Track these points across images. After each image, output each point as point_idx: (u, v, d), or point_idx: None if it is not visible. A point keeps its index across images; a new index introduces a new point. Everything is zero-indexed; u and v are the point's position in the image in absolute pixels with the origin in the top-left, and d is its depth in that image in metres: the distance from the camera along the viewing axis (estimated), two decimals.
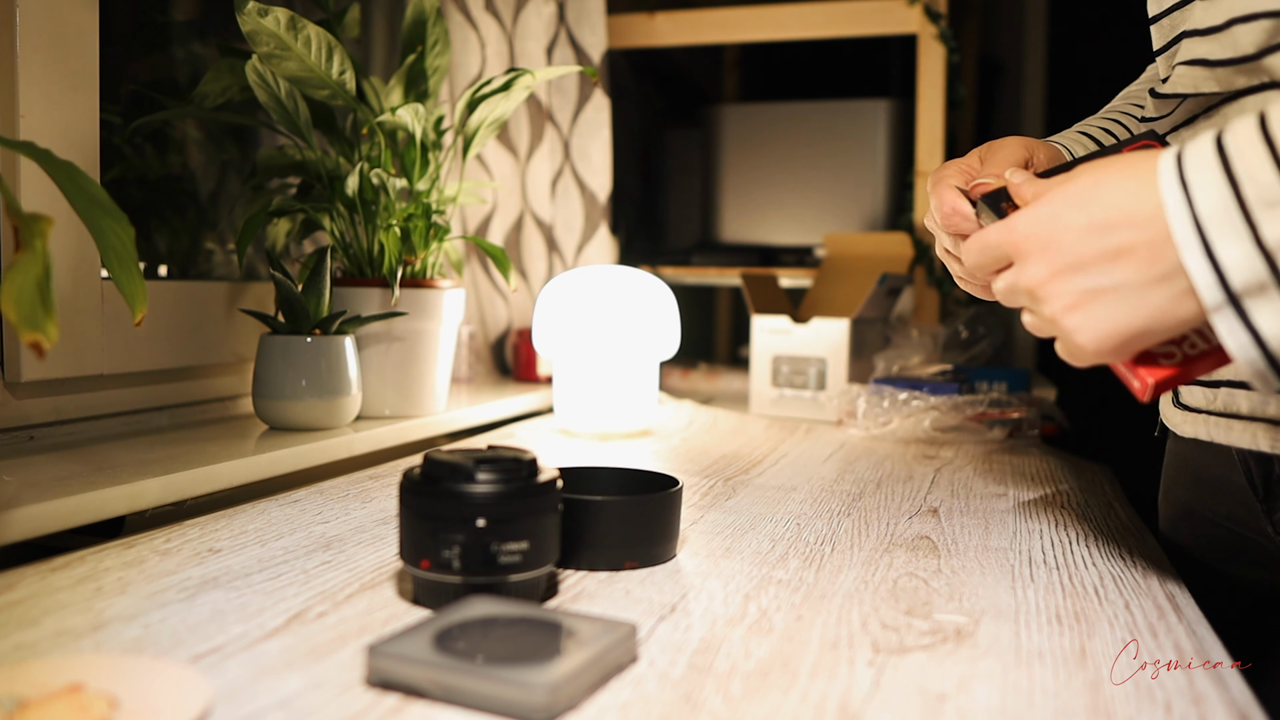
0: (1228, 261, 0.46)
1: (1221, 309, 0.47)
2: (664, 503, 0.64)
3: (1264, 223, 0.46)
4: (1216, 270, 0.47)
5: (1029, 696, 0.45)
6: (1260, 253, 0.46)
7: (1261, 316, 0.46)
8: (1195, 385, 0.72)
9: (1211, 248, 0.47)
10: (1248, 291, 0.46)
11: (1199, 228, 0.47)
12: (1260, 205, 0.46)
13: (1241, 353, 0.48)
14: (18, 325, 0.44)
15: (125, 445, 0.86)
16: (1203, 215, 0.47)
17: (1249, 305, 0.46)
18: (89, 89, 0.87)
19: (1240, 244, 0.46)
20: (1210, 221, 0.47)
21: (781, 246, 1.76)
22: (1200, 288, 0.47)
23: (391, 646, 0.44)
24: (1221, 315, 0.47)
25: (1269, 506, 0.68)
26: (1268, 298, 0.46)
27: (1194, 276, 0.47)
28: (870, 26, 1.50)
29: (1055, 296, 0.52)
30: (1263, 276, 0.46)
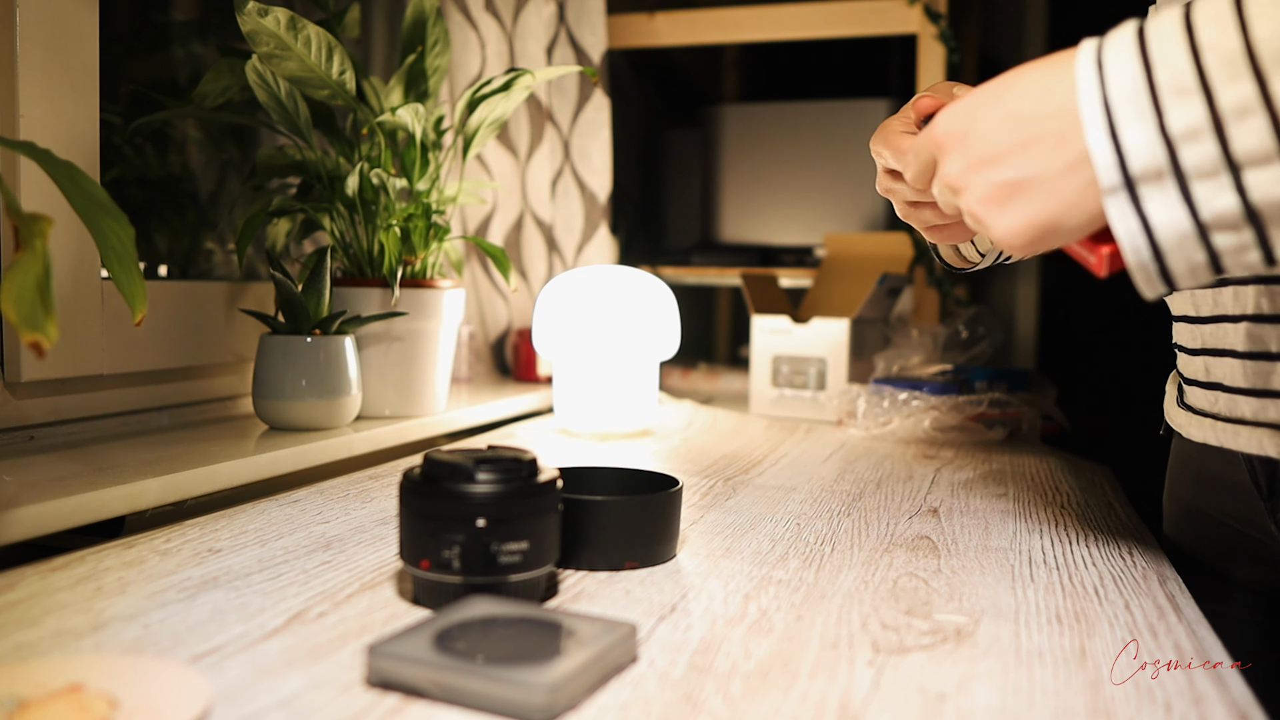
0: (1129, 144, 0.45)
1: (1116, 192, 0.46)
2: (664, 503, 0.64)
3: (1171, 109, 0.45)
4: (1118, 152, 0.46)
5: (1029, 696, 0.45)
6: (1163, 139, 0.45)
7: (1154, 204, 0.45)
8: (1194, 386, 0.72)
9: (1116, 129, 0.46)
10: (1144, 177, 0.45)
11: (1107, 109, 0.46)
12: (1170, 91, 0.45)
13: (1129, 239, 0.47)
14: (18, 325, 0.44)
15: (125, 445, 0.86)
16: (1112, 96, 0.46)
17: (1143, 191, 0.46)
18: (89, 89, 0.87)
19: (1145, 128, 0.45)
20: (1119, 103, 0.46)
21: (781, 246, 1.76)
22: (1099, 168, 0.46)
23: (391, 646, 0.44)
24: (1115, 199, 0.46)
25: (1273, 506, 0.68)
26: (1163, 187, 0.45)
27: (1094, 156, 0.46)
28: (870, 26, 1.50)
29: (971, 189, 0.52)
30: (1161, 164, 0.45)
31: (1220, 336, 0.68)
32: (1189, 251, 0.46)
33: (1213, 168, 0.44)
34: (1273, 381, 0.64)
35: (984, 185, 0.51)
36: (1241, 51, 0.44)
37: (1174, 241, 0.46)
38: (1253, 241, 0.45)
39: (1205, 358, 0.70)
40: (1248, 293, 0.65)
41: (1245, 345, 0.65)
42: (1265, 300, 0.64)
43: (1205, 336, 0.70)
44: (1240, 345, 0.66)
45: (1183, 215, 0.45)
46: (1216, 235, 0.45)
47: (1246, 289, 0.65)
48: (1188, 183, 0.45)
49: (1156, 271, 0.47)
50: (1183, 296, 0.72)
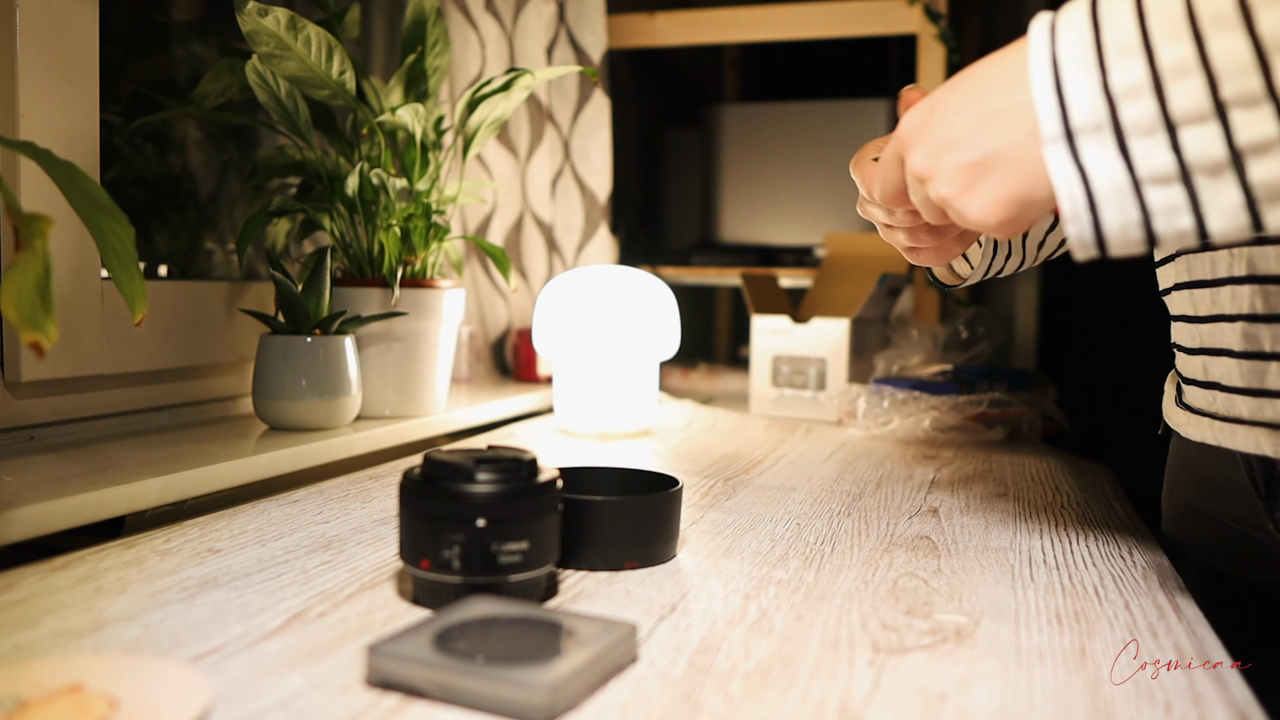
0: (1072, 98, 0.47)
1: (1056, 141, 0.47)
2: (664, 503, 0.64)
3: (1114, 67, 0.46)
4: (1061, 105, 0.47)
5: (1029, 696, 0.45)
6: (1105, 95, 0.46)
7: (1091, 156, 0.46)
8: (1192, 385, 0.72)
9: (1061, 84, 0.47)
10: (1084, 130, 0.46)
11: (1055, 66, 0.47)
12: (1115, 50, 0.46)
13: (1066, 188, 0.47)
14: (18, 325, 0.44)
15: (125, 445, 0.86)
16: (1060, 55, 0.47)
17: (1082, 143, 0.47)
18: (89, 89, 0.87)
19: (1088, 84, 0.46)
20: (1065, 61, 0.47)
21: (781, 246, 1.76)
22: (1041, 119, 0.47)
23: (391, 646, 0.44)
24: (1054, 148, 0.47)
25: (1270, 505, 0.68)
26: (1101, 140, 0.46)
27: (1038, 108, 0.48)
28: (870, 26, 1.50)
29: (938, 176, 0.52)
30: (1101, 118, 0.46)
31: (1217, 336, 0.68)
32: (1124, 206, 0.46)
33: (1150, 125, 0.45)
34: (1268, 381, 0.64)
35: (949, 169, 0.51)
36: (1183, 13, 0.45)
37: (1109, 193, 0.47)
38: (1184, 202, 0.46)
39: (1203, 357, 0.70)
40: (1244, 292, 0.65)
41: (1241, 345, 0.65)
42: (1260, 300, 0.64)
43: (1203, 336, 0.70)
44: (1237, 345, 0.66)
45: (1119, 169, 0.46)
46: (1150, 191, 0.46)
47: (1243, 288, 0.65)
48: (1126, 138, 0.46)
49: (1090, 224, 0.47)
50: (1182, 296, 0.72)
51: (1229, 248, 0.66)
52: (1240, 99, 0.43)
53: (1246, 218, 0.45)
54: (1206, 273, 0.68)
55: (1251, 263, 0.64)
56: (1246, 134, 0.44)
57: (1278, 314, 0.63)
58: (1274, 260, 0.63)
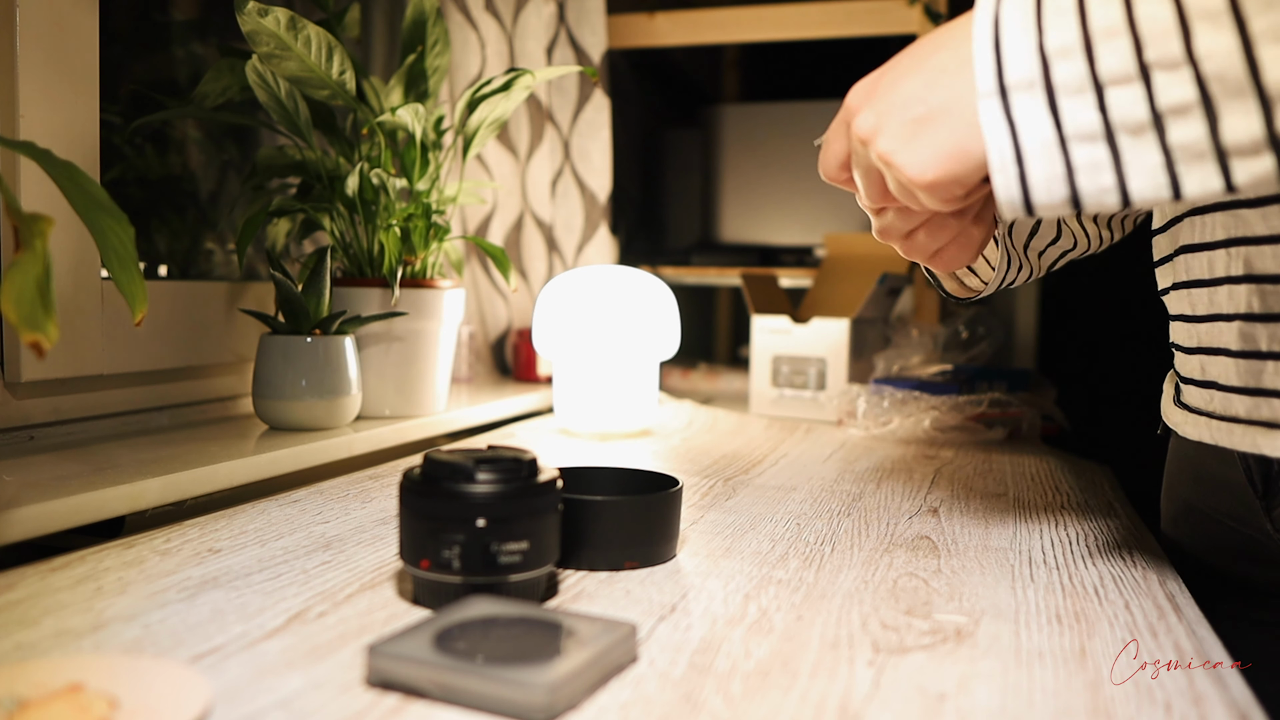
0: (1008, 55, 0.48)
1: (989, 96, 0.49)
2: (664, 503, 0.64)
3: (1050, 29, 0.47)
4: (998, 62, 0.48)
5: (1029, 696, 0.45)
6: (1039, 55, 0.48)
7: (1022, 111, 0.48)
8: (1190, 385, 0.72)
9: (1000, 42, 0.49)
10: (1017, 86, 0.48)
11: (996, 26, 0.49)
12: (1053, 12, 0.47)
13: (995, 140, 0.49)
14: (18, 325, 0.44)
15: (125, 445, 0.86)
16: (1003, 16, 0.49)
17: (1014, 99, 0.48)
18: (89, 89, 0.87)
19: (1025, 43, 0.48)
20: (1006, 21, 0.49)
21: (781, 246, 1.76)
22: (978, 75, 0.49)
23: (391, 646, 0.44)
24: (987, 103, 0.49)
25: (1268, 504, 0.68)
26: (1033, 96, 0.48)
27: (976, 66, 0.49)
28: (870, 26, 1.50)
29: (881, 133, 0.53)
30: (1034, 76, 0.48)
31: (1215, 335, 0.68)
32: (1049, 160, 0.48)
33: (1079, 84, 0.47)
34: (1264, 380, 0.64)
35: (893, 126, 0.52)
36: None
37: (1037, 148, 0.48)
38: (1108, 160, 0.47)
39: (1200, 356, 0.70)
40: (1240, 292, 0.65)
41: (1238, 344, 0.66)
42: (1256, 299, 0.64)
43: (1201, 335, 0.70)
44: (1234, 344, 0.66)
45: (1047, 125, 0.48)
46: (1076, 147, 0.47)
47: (1239, 288, 0.65)
48: (1056, 96, 0.47)
49: (1016, 176, 0.49)
50: (1180, 296, 0.72)
51: (1226, 248, 0.66)
52: (1162, 62, 0.45)
53: (1165, 178, 0.46)
54: (1204, 272, 0.68)
55: (1249, 262, 0.64)
56: (1167, 96, 0.45)
57: (1274, 313, 0.63)
58: (1271, 260, 0.63)
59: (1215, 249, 0.67)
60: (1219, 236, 0.66)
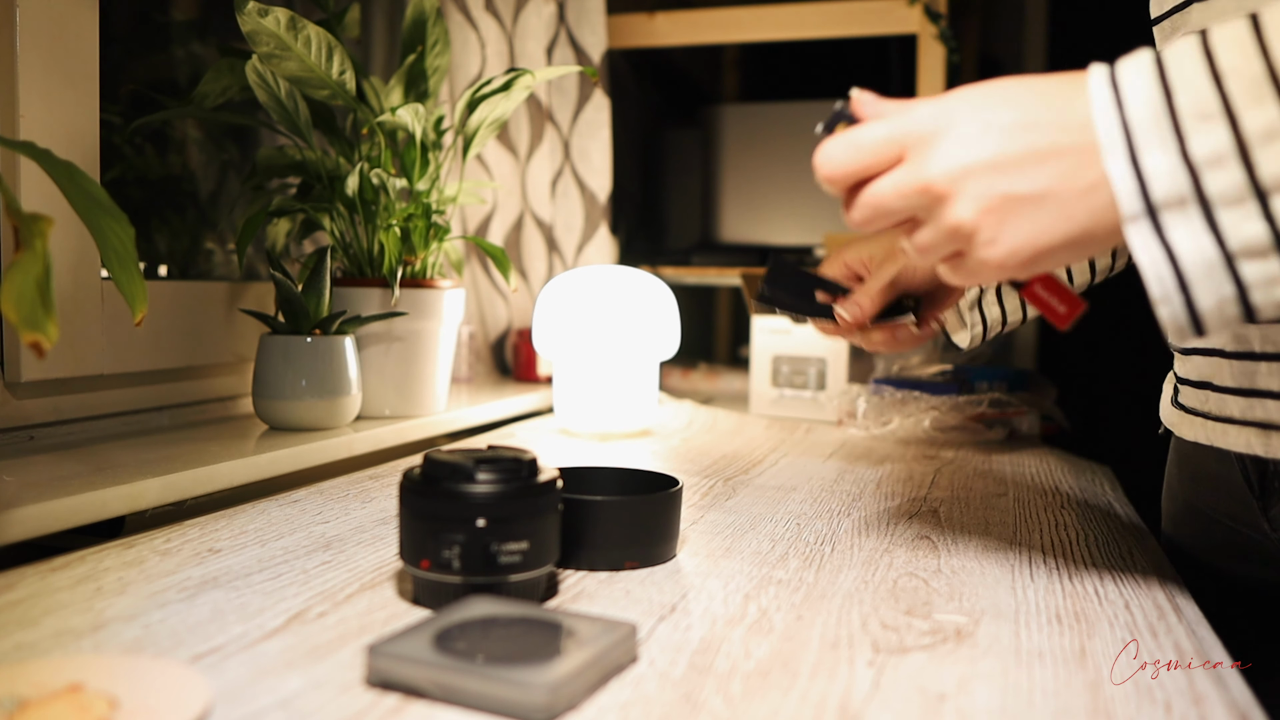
0: (1151, 171, 0.44)
1: (1138, 220, 0.44)
2: (664, 503, 0.64)
3: (1193, 135, 0.43)
4: (1139, 178, 0.44)
5: (1029, 696, 0.45)
6: (1185, 166, 0.43)
7: (1178, 233, 0.44)
8: (1187, 385, 0.72)
9: (1137, 155, 0.44)
10: (1167, 204, 0.44)
11: (1127, 133, 0.44)
12: (1192, 116, 0.43)
13: (1153, 269, 0.45)
14: (18, 325, 0.44)
15: (125, 445, 0.86)
16: (1131, 120, 0.44)
17: (1166, 219, 0.44)
18: (89, 89, 0.87)
19: (1166, 154, 0.44)
20: (1139, 128, 0.44)
21: (781, 246, 1.76)
22: (1120, 194, 0.44)
23: (391, 646, 0.44)
24: (1137, 227, 0.44)
25: (1265, 504, 0.68)
26: (1186, 214, 0.44)
27: (1115, 182, 0.44)
28: (870, 26, 1.50)
29: (969, 196, 0.46)
30: (1184, 190, 0.43)
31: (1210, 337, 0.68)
32: (1216, 282, 0.44)
33: (1238, 194, 0.43)
34: (1258, 381, 0.64)
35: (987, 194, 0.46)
36: (1265, 75, 0.42)
37: (1200, 271, 0.44)
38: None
39: (1196, 357, 0.70)
40: None
41: (1232, 345, 0.66)
42: None
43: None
44: (1228, 345, 0.66)
45: (1208, 243, 0.43)
46: (1244, 264, 0.43)
47: None
48: (1213, 210, 0.43)
49: (1183, 305, 0.45)
50: None
51: None
52: None
53: None
54: None
55: None
56: None
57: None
58: None
59: None
60: None
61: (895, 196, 0.49)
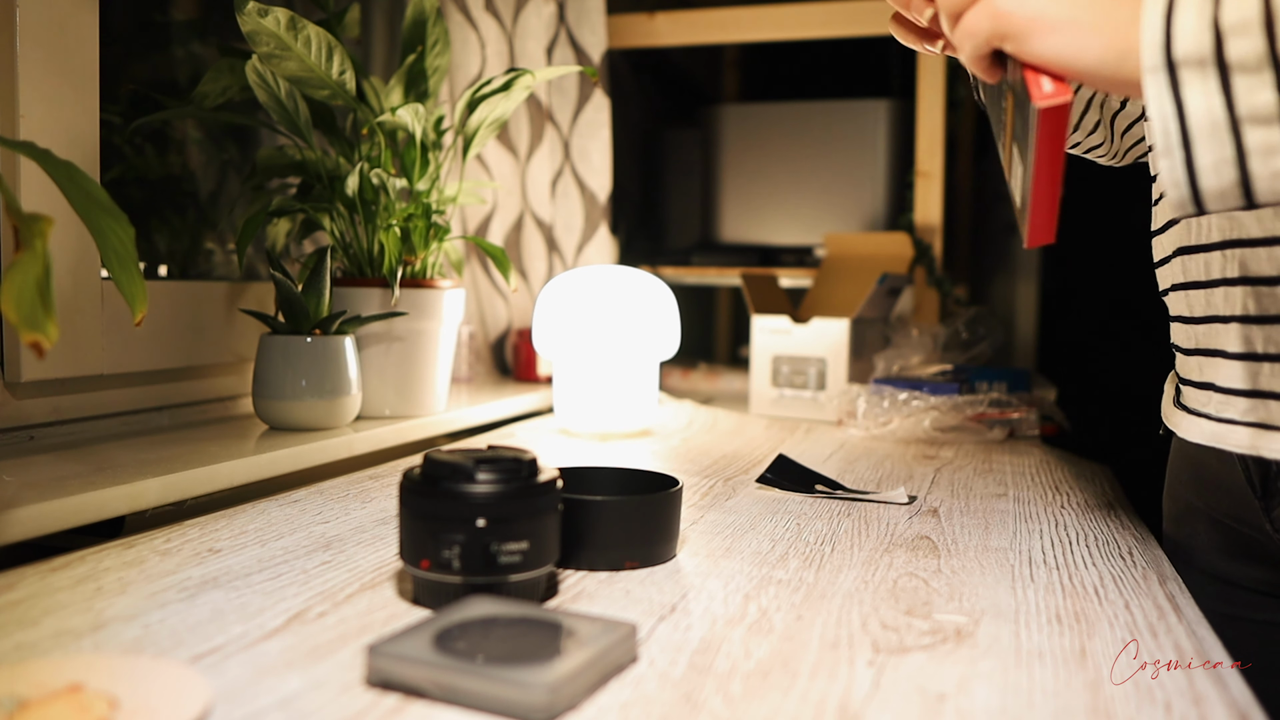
0: (1180, 28, 0.45)
1: (1157, 72, 0.46)
2: (664, 503, 0.64)
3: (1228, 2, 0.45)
4: (1167, 32, 0.46)
5: (1029, 696, 0.45)
6: (1213, 28, 0.45)
7: (1191, 90, 0.45)
8: (1189, 386, 0.72)
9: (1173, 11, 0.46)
10: (1187, 62, 0.45)
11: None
12: None
13: (1160, 121, 0.46)
14: (18, 325, 0.44)
15: (125, 445, 0.86)
16: None
17: (1184, 75, 0.46)
18: (89, 89, 0.87)
19: (1198, 15, 0.45)
20: None
21: (781, 246, 1.76)
22: (1145, 45, 0.46)
23: (391, 646, 0.44)
24: (1154, 78, 0.46)
25: (1267, 504, 0.68)
26: (1203, 73, 0.45)
27: (1145, 31, 0.46)
28: (870, 26, 1.50)
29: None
30: (1206, 51, 0.45)
31: (1213, 337, 0.68)
32: (1220, 142, 0.45)
33: (1256, 63, 0.44)
34: (1260, 382, 0.64)
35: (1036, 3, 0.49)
36: None
37: (1206, 130, 0.45)
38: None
39: (1199, 358, 0.70)
40: (1236, 294, 0.65)
41: (1236, 346, 0.66)
42: (1251, 301, 0.64)
43: (1199, 337, 0.70)
44: (1231, 346, 0.66)
45: (1218, 104, 0.45)
46: (1249, 130, 0.45)
47: (1235, 290, 0.65)
48: (1229, 74, 0.45)
49: (1182, 160, 0.46)
50: (1178, 297, 0.73)
51: (1222, 249, 0.66)
52: None
53: None
54: (1201, 274, 0.68)
55: (1244, 264, 0.64)
56: None
57: (1269, 315, 0.63)
58: (1266, 262, 0.63)
59: (1211, 251, 0.67)
60: (1215, 239, 0.66)
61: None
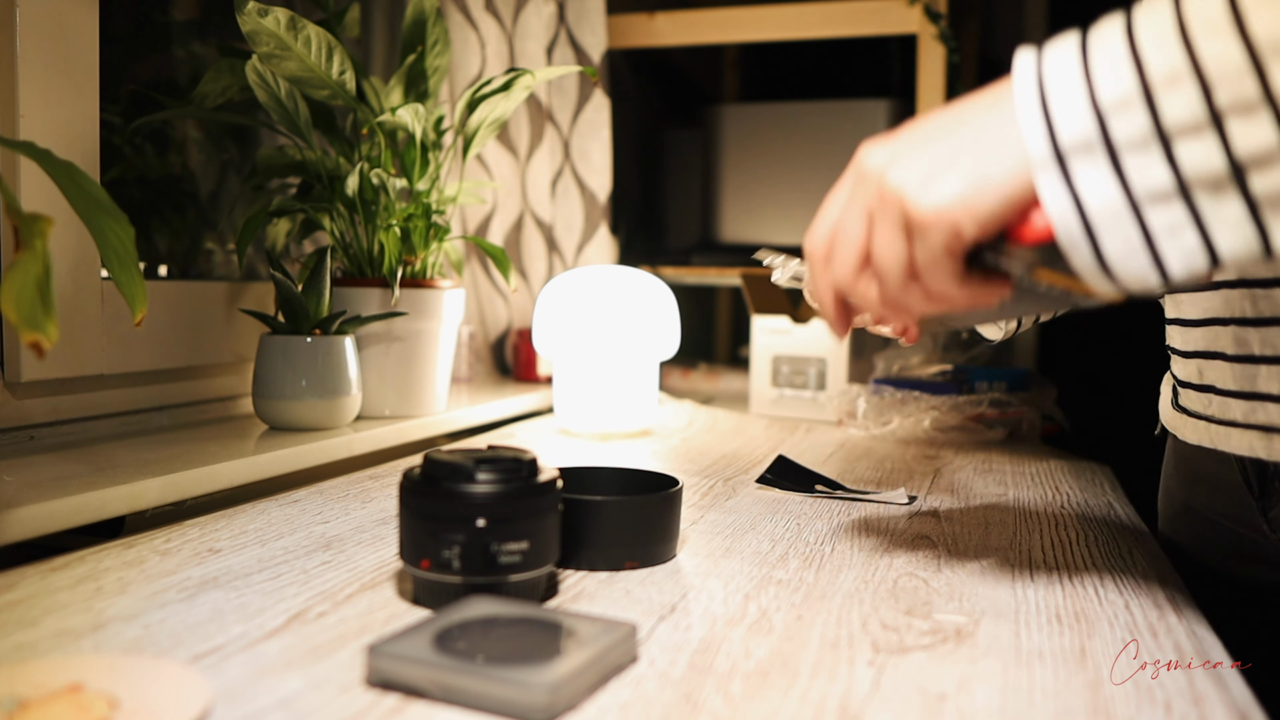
0: (1059, 114, 0.44)
1: (1046, 166, 0.45)
2: (664, 503, 0.64)
3: (1102, 80, 0.43)
4: (1048, 122, 0.45)
5: (1029, 696, 0.45)
6: (1093, 109, 0.44)
7: (1084, 177, 0.44)
8: (1187, 388, 0.72)
9: (1047, 100, 0.45)
10: (1074, 149, 0.44)
11: (1041, 85, 0.45)
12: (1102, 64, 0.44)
13: (1059, 215, 0.45)
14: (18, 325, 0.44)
15: (125, 445, 0.86)
16: (1046, 74, 0.45)
17: (1073, 164, 0.44)
18: (89, 89, 0.87)
19: (1076, 98, 0.44)
20: (1051, 78, 0.45)
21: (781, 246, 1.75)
22: (1028, 140, 0.45)
23: (391, 646, 0.44)
24: (1045, 173, 0.45)
25: (1264, 505, 0.68)
26: (1093, 159, 0.44)
27: (1024, 127, 0.45)
28: (870, 26, 1.50)
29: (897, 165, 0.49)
30: (1091, 135, 0.44)
31: (1211, 339, 0.68)
32: (1123, 228, 0.44)
33: (1143, 139, 0.43)
34: (1259, 384, 0.64)
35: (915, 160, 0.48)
36: (1172, 21, 0.43)
37: (1106, 217, 0.44)
38: (1186, 219, 0.43)
39: (1198, 360, 0.70)
40: (1234, 296, 0.65)
41: (1234, 348, 0.66)
42: (1248, 304, 0.64)
43: (1196, 339, 0.70)
44: (1229, 348, 0.66)
45: (1114, 189, 0.43)
46: (1150, 210, 0.43)
47: (1234, 292, 0.65)
48: (1118, 154, 0.43)
49: (1089, 251, 0.45)
50: (1176, 299, 0.73)
51: None
52: (1236, 106, 0.41)
53: (1253, 232, 0.42)
54: None
55: (1240, 267, 0.64)
56: (1245, 143, 0.41)
57: (1266, 318, 0.63)
58: (1262, 265, 0.63)
59: None
60: None
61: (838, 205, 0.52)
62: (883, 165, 0.50)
